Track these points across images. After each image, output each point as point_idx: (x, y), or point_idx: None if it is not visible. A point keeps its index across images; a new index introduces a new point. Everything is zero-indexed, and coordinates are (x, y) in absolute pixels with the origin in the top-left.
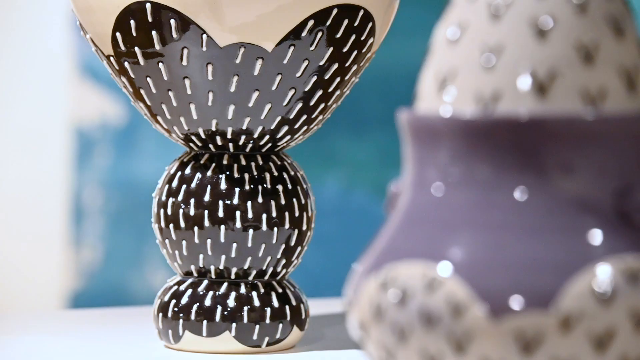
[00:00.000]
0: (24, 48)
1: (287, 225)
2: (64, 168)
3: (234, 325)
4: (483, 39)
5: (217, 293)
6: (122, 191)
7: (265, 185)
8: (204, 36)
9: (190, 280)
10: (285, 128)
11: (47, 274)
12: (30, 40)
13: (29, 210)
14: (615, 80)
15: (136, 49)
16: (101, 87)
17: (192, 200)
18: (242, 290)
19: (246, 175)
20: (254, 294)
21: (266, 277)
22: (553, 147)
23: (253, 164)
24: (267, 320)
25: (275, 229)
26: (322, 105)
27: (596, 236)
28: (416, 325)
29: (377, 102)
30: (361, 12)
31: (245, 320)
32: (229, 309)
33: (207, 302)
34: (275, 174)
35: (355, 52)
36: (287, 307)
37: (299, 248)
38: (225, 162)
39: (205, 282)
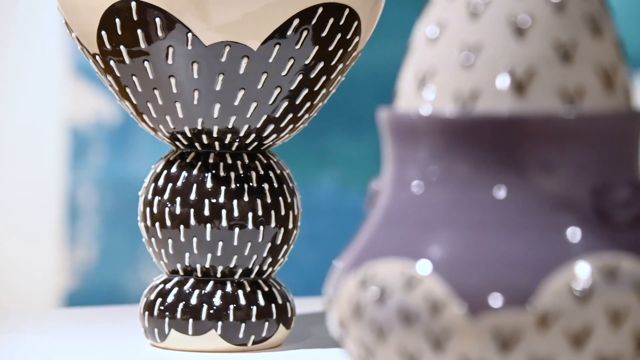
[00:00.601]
0: (19, 47)
1: (273, 224)
2: (59, 167)
3: (219, 323)
4: (462, 38)
5: (203, 292)
6: (117, 190)
7: (251, 184)
8: (190, 35)
9: (176, 279)
10: (271, 127)
11: (42, 272)
12: (25, 40)
13: (24, 209)
14: (593, 79)
15: (121, 47)
16: (96, 86)
17: (178, 199)
18: (228, 288)
19: (232, 174)
20: (240, 292)
21: (252, 276)
22: (532, 146)
23: (239, 162)
24: (253, 319)
25: (261, 227)
26: (308, 104)
27: (574, 234)
28: (395, 323)
29: (372, 101)
30: (346, 11)
31: (231, 318)
32: (214, 308)
33: (193, 300)
34: (261, 172)
35: (340, 51)
36: (273, 305)
37: (285, 247)
38: (211, 160)
39: (191, 280)
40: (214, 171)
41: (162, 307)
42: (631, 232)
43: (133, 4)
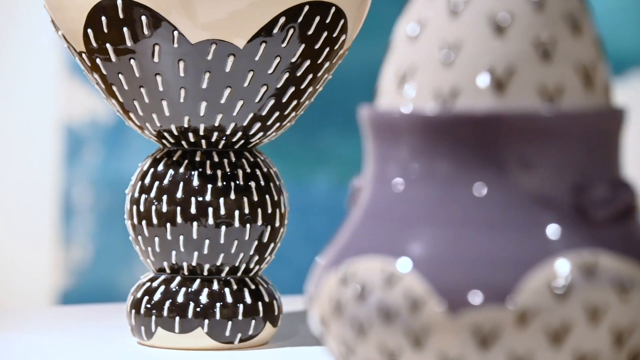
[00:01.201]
0: (14, 46)
1: (259, 222)
2: (54, 166)
3: (206, 321)
4: (442, 36)
5: (189, 289)
6: (112, 189)
7: (238, 182)
8: (176, 33)
9: (162, 277)
10: (258, 125)
11: (37, 271)
12: (20, 39)
13: (19, 208)
14: (572, 77)
15: (108, 45)
16: (91, 85)
17: (165, 197)
18: (215, 286)
19: (219, 172)
20: (227, 290)
21: (239, 274)
22: (511, 143)
23: (226, 160)
24: (240, 317)
25: (248, 225)
26: (294, 102)
27: (554, 231)
28: (375, 320)
29: (367, 99)
30: (333, 9)
31: (218, 316)
32: (201, 306)
33: (180, 298)
34: (248, 170)
35: (327, 49)
36: (259, 303)
37: (272, 245)
38: (198, 158)
39: (178, 278)
40: (200, 169)
41: (148, 305)
42: (610, 229)
43: (119, 2)
